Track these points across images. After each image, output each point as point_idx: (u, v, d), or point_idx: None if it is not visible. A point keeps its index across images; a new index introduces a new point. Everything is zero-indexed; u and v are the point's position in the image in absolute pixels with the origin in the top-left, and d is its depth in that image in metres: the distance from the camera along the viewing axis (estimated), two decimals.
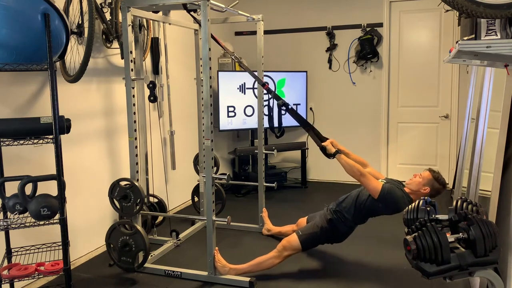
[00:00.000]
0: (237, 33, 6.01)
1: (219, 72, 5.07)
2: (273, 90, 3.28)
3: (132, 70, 3.06)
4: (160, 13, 3.65)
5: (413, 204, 2.30)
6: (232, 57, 3.60)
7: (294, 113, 3.21)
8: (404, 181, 3.09)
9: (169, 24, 3.83)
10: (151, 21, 3.94)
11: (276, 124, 3.43)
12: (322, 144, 3.07)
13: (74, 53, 3.12)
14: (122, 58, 3.20)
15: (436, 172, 3.01)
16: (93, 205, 3.44)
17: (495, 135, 2.47)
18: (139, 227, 3.02)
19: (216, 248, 3.00)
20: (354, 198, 3.07)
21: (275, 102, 3.24)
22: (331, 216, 3.09)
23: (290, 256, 3.05)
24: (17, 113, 2.78)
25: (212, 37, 3.21)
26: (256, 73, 3.59)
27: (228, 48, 3.57)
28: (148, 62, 4.06)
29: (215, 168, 3.89)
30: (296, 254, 3.07)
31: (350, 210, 3.04)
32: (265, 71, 3.98)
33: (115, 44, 3.48)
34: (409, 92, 5.45)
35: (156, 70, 4.14)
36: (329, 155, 3.03)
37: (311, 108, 5.79)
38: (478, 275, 1.91)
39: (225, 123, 5.15)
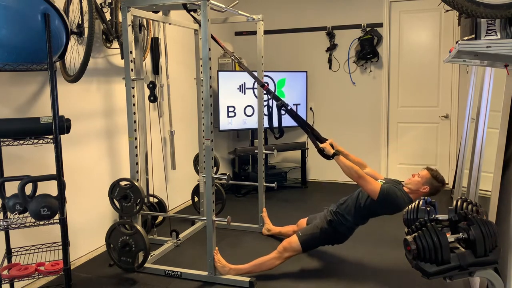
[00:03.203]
0: (237, 33, 6.01)
1: (219, 72, 5.07)
2: (273, 90, 3.27)
3: (132, 70, 3.06)
4: (160, 13, 3.65)
5: (413, 204, 2.30)
6: (232, 57, 3.60)
7: (293, 114, 3.20)
8: (403, 181, 3.09)
9: (169, 24, 3.83)
10: (151, 21, 3.94)
11: (275, 125, 3.42)
12: (320, 146, 3.04)
13: (74, 53, 3.12)
14: (122, 58, 3.20)
15: (434, 171, 2.98)
16: (93, 205, 3.44)
17: (495, 135, 2.47)
18: (139, 227, 3.02)
19: (216, 248, 3.00)
20: (354, 199, 3.06)
21: (275, 102, 3.23)
22: (331, 217, 3.09)
23: (290, 257, 3.05)
24: (17, 113, 2.78)
25: (212, 37, 3.21)
26: (256, 74, 3.58)
27: (227, 48, 3.57)
28: (148, 62, 4.06)
29: (215, 168, 3.89)
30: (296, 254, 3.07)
31: (350, 211, 3.04)
32: (265, 71, 3.98)
33: (115, 44, 3.48)
34: (409, 92, 5.45)
35: (156, 70, 4.14)
36: (328, 157, 3.02)
37: (311, 108, 5.79)
38: (478, 275, 1.91)
39: (225, 123, 5.15)
